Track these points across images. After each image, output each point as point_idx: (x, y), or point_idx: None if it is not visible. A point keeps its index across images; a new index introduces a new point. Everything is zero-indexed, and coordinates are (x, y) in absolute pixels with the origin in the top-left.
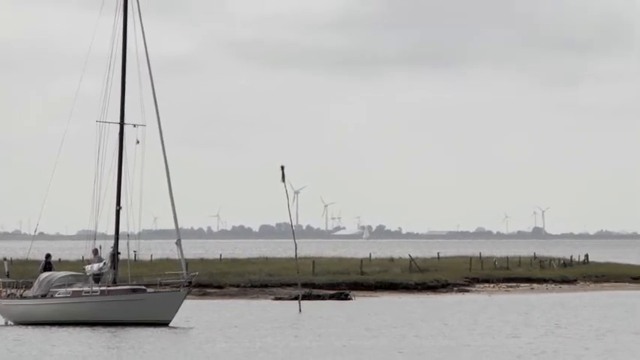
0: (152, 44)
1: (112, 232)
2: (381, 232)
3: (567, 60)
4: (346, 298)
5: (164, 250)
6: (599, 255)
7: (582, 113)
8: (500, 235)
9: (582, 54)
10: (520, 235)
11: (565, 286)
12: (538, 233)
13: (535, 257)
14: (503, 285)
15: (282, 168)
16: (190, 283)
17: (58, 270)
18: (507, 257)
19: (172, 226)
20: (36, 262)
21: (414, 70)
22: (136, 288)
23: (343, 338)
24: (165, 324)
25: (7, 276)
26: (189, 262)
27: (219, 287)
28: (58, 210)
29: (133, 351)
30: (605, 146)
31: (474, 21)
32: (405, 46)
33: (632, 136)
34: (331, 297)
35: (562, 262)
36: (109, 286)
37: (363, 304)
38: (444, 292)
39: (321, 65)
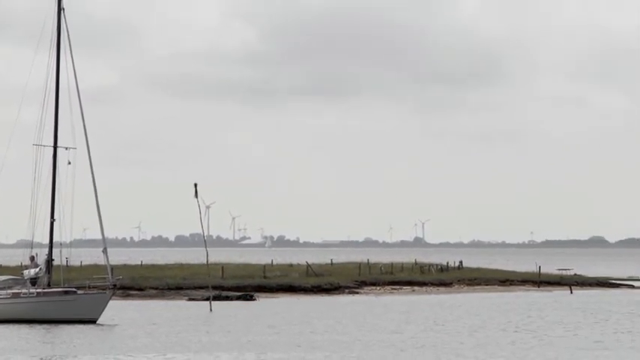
0: (81, 77)
1: (46, 241)
2: (281, 242)
3: (441, 92)
4: (251, 299)
5: (92, 257)
6: (472, 261)
7: (456, 138)
8: (385, 244)
9: (457, 86)
10: (403, 244)
11: (442, 289)
12: (419, 242)
13: (416, 263)
14: (389, 287)
15: (195, 185)
16: (115, 285)
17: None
18: (392, 263)
19: (99, 236)
20: None
21: (309, 100)
22: (67, 290)
23: (248, 334)
24: (93, 322)
25: None
26: (114, 268)
27: (140, 289)
28: None
29: (65, 345)
30: (476, 167)
31: (362, 57)
32: (301, 79)
33: (499, 158)
34: (238, 298)
35: (439, 267)
36: (44, 289)
37: (265, 304)
38: (337, 294)
39: (228, 95)
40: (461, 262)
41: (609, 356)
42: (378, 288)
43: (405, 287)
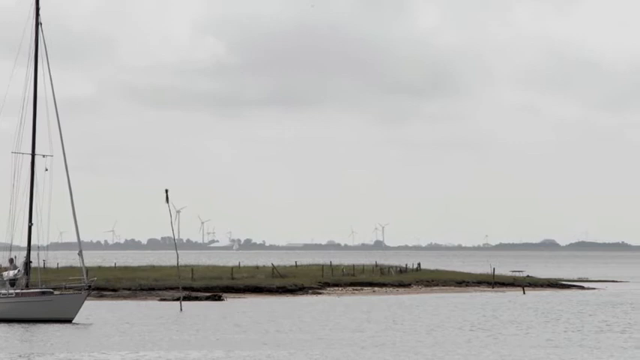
0: (59, 88)
1: (25, 244)
2: (248, 245)
3: (400, 102)
4: (219, 299)
5: (68, 259)
6: (430, 263)
7: (413, 146)
8: (347, 247)
9: (412, 97)
10: (364, 247)
11: (401, 289)
12: (379, 245)
13: (376, 265)
14: (350, 288)
15: (166, 191)
16: (90, 286)
17: None
18: (353, 265)
19: (75, 240)
20: None
21: (273, 110)
22: (45, 291)
23: (217, 333)
24: (69, 321)
25: None
26: (88, 270)
27: (114, 290)
28: None
29: (42, 343)
30: (432, 174)
31: (323, 69)
32: (266, 90)
33: (455, 166)
34: (207, 298)
35: (398, 269)
36: (22, 290)
37: (233, 304)
38: (301, 295)
39: (198, 106)
40: (419, 264)
41: (560, 354)
42: (340, 289)
43: (365, 288)
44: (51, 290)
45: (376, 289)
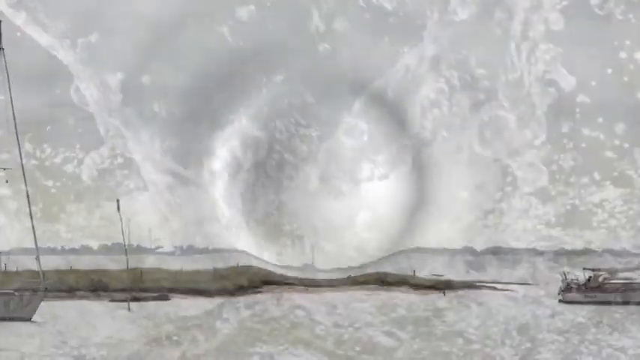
0: (19, 107)
1: None
2: (191, 249)
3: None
4: (166, 299)
5: (27, 263)
6: None
7: None
8: None
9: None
10: None
11: (331, 288)
12: None
13: None
14: (286, 287)
15: (118, 201)
16: (47, 288)
17: None
18: None
19: (33, 245)
20: None
21: None
22: (5, 292)
23: (162, 331)
24: (27, 319)
25: None
26: (45, 273)
27: (69, 291)
28: None
29: (3, 339)
30: None
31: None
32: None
33: None
34: (154, 298)
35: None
36: None
37: (178, 304)
38: (241, 295)
39: (147, 124)
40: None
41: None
42: (278, 287)
43: (297, 287)
44: (11, 291)
45: (310, 289)
